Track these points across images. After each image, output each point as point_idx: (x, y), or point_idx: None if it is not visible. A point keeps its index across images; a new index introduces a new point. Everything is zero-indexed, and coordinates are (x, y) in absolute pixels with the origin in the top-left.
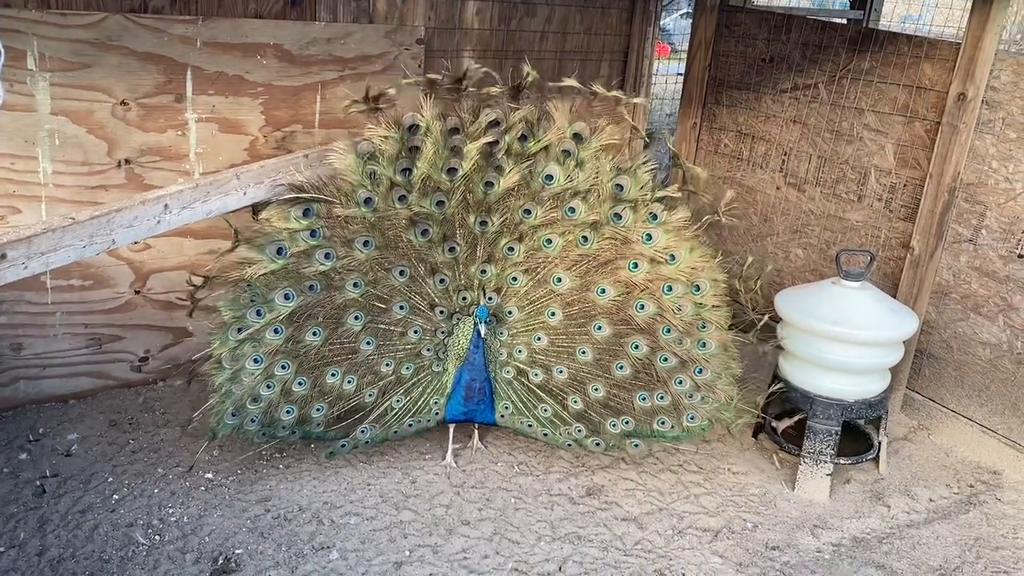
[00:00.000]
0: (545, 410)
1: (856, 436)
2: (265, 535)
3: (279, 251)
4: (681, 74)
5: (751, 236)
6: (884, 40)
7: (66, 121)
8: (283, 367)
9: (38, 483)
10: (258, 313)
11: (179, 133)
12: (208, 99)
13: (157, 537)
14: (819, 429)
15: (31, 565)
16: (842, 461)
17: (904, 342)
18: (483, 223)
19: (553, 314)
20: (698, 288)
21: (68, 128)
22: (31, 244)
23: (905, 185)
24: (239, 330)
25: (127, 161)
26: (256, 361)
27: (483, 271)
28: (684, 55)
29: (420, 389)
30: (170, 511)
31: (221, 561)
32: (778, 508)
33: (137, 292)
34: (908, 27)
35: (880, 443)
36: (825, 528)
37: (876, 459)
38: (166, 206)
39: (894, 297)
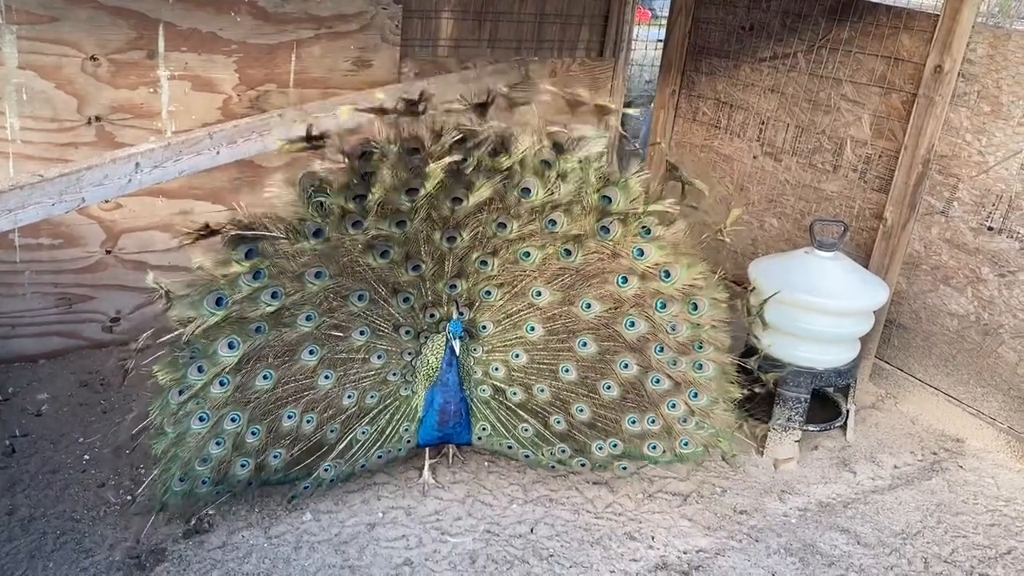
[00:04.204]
0: (526, 430)
1: (825, 404)
2: (237, 495)
3: (219, 302)
4: (661, 40)
5: (726, 206)
6: (864, 10)
7: (34, 76)
8: (233, 420)
9: (8, 443)
10: (200, 370)
11: (151, 90)
12: (181, 56)
13: (129, 497)
14: (789, 396)
15: (1, 524)
16: (810, 428)
17: (874, 312)
18: (451, 239)
19: (532, 329)
20: (696, 307)
21: (36, 83)
22: None
23: (880, 156)
24: (180, 392)
25: (97, 118)
26: (202, 419)
27: (452, 286)
28: (665, 21)
29: (387, 417)
30: (142, 471)
31: (194, 521)
32: (747, 473)
33: (108, 252)
34: None
35: (848, 411)
36: (792, 493)
37: (844, 426)
38: (137, 165)
39: (866, 267)
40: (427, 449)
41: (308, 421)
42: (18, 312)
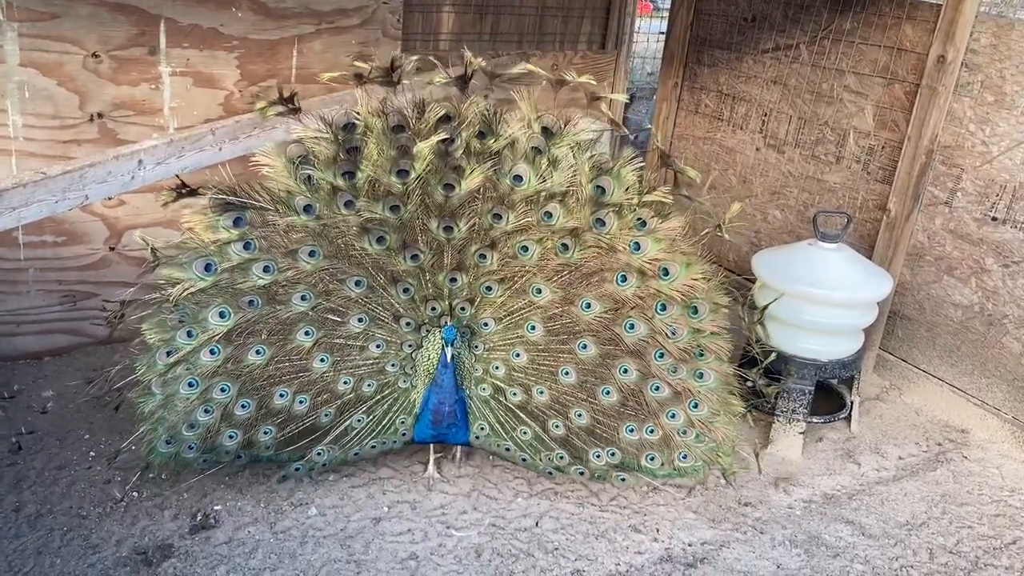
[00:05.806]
0: (524, 432)
1: (829, 395)
2: (244, 491)
3: (207, 268)
4: (663, 33)
5: (729, 198)
6: (866, 0)
7: (36, 73)
8: (223, 390)
9: (14, 440)
10: (189, 334)
11: (153, 87)
12: (182, 52)
13: (135, 493)
14: (793, 388)
15: (8, 521)
16: (815, 420)
17: (878, 303)
18: (448, 228)
19: (533, 328)
20: (696, 311)
21: (38, 80)
22: (1, 198)
23: (883, 147)
24: (168, 353)
25: (100, 115)
26: (191, 385)
27: (453, 279)
28: (667, 13)
29: (384, 407)
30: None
31: (200, 517)
32: (751, 465)
33: (112, 249)
34: None
35: (852, 402)
36: (797, 485)
37: (848, 418)
38: (140, 162)
39: (870, 259)
40: (431, 445)
41: (301, 402)
42: (23, 310)
